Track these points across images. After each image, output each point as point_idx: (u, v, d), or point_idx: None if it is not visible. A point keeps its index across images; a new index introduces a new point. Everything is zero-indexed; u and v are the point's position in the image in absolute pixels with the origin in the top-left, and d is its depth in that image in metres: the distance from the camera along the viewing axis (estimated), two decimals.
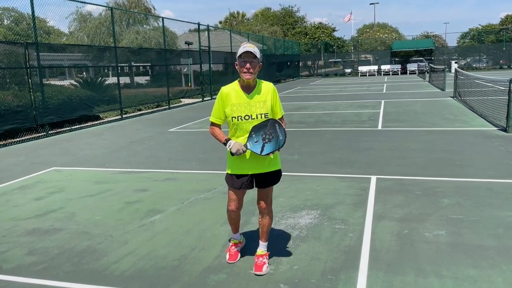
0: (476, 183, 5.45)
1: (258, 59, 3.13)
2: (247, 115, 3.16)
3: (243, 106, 3.18)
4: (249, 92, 3.21)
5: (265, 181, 3.31)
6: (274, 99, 3.27)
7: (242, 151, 3.10)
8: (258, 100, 3.20)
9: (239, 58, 3.12)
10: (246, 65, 3.09)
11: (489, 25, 47.76)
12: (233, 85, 3.26)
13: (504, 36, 39.23)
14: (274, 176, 3.34)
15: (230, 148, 3.13)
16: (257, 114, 3.17)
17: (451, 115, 11.53)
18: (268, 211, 3.41)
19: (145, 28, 24.93)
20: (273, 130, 3.09)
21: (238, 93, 3.21)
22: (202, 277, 3.34)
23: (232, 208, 3.44)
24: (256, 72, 3.15)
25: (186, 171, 6.78)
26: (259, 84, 3.25)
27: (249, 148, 3.11)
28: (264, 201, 3.37)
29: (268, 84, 3.30)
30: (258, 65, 3.15)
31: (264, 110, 3.19)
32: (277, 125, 3.10)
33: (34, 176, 6.88)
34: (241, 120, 3.17)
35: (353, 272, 3.31)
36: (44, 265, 3.68)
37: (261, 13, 55.60)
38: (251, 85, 3.22)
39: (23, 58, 10.63)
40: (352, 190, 5.39)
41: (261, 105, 3.19)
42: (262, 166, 3.26)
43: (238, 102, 3.18)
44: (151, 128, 11.90)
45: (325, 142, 8.59)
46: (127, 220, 4.68)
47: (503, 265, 3.31)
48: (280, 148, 3.16)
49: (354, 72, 40.32)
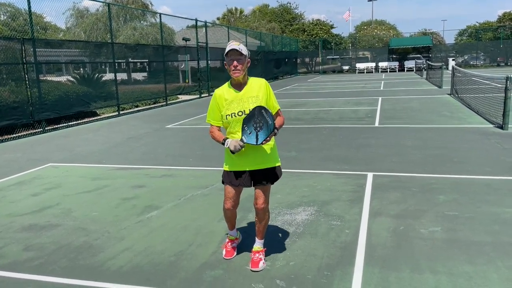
0: (472, 180, 5.47)
1: (245, 55, 3.15)
2: (240, 111, 3.18)
3: (236, 102, 3.20)
4: (240, 89, 3.23)
5: (263, 177, 3.30)
6: (268, 94, 3.27)
7: (240, 146, 3.10)
8: (250, 95, 3.21)
9: (226, 57, 3.16)
10: (233, 63, 3.13)
11: (487, 22, 47.80)
12: (225, 86, 3.32)
13: (501, 33, 39.29)
14: (272, 173, 3.32)
15: (228, 146, 3.15)
16: (250, 109, 3.15)
17: (448, 112, 11.56)
18: (264, 211, 3.38)
19: (143, 24, 24.85)
20: (261, 117, 3.08)
21: (229, 91, 3.25)
22: (198, 273, 3.35)
23: (228, 207, 3.41)
24: (245, 69, 3.17)
25: (183, 167, 6.78)
26: (251, 81, 3.28)
27: (246, 142, 3.12)
28: (260, 200, 3.33)
29: (260, 80, 3.32)
30: (246, 62, 3.17)
31: (257, 105, 3.19)
32: (263, 110, 3.09)
33: (31, 172, 6.87)
34: (235, 116, 3.19)
35: (349, 268, 3.33)
36: (41, 261, 3.68)
37: (259, 9, 55.49)
38: (242, 82, 3.24)
39: (19, 54, 10.58)
40: (349, 186, 5.40)
41: (254, 100, 3.20)
42: (259, 162, 3.26)
43: (231, 100, 3.21)
44: (148, 124, 11.88)
45: (322, 139, 8.60)
46: (124, 216, 4.69)
47: (499, 262, 3.33)
48: (272, 133, 3.12)
49: (352, 69, 40.33)
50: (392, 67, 37.73)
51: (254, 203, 3.38)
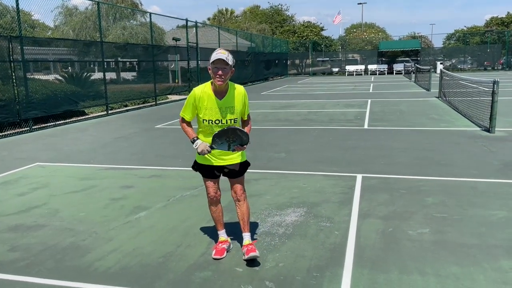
0: (460, 182, 5.53)
1: (230, 65, 3.26)
2: (218, 120, 3.35)
3: (214, 111, 3.34)
4: (221, 98, 3.35)
5: (231, 172, 3.49)
6: (244, 104, 3.43)
7: (207, 151, 3.31)
8: (228, 106, 3.36)
9: (212, 64, 3.24)
10: (218, 72, 3.22)
11: (474, 27, 48.37)
12: (205, 88, 3.38)
13: (488, 38, 39.83)
14: (240, 167, 3.50)
15: (196, 147, 3.36)
16: (227, 119, 3.35)
17: (436, 115, 11.68)
18: (242, 198, 3.53)
19: (132, 23, 24.68)
20: (235, 135, 3.25)
21: (210, 98, 3.35)
22: (187, 274, 3.33)
23: (211, 194, 3.58)
24: (227, 78, 3.29)
25: (172, 168, 6.74)
26: (231, 89, 3.39)
27: (216, 148, 3.29)
28: (236, 188, 3.53)
29: (239, 88, 3.43)
30: (230, 71, 3.29)
31: (233, 116, 3.36)
32: (238, 131, 3.25)
33: (17, 171, 6.77)
34: (212, 123, 3.35)
35: (338, 269, 3.34)
36: (27, 262, 3.62)
37: (250, 10, 55.51)
38: (223, 89, 3.34)
39: (6, 51, 10.43)
40: (338, 188, 5.42)
41: (231, 110, 3.36)
42: (225, 159, 3.44)
43: (210, 107, 3.34)
44: (137, 124, 11.80)
45: (312, 141, 8.62)
46: (112, 217, 4.64)
47: (485, 263, 3.36)
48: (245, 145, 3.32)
49: (342, 71, 40.53)
50: (381, 69, 38.02)
51: (232, 194, 3.56)
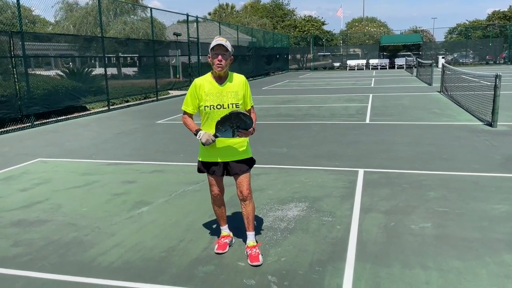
0: (462, 177, 5.52)
1: (230, 52, 3.25)
2: (219, 105, 3.29)
3: (215, 95, 3.30)
4: (221, 83, 3.32)
5: (236, 168, 3.40)
6: (246, 91, 3.39)
7: (212, 140, 3.23)
8: (230, 90, 3.31)
9: (211, 51, 3.24)
10: (218, 57, 3.21)
11: (476, 21, 48.15)
12: (206, 77, 3.39)
13: (490, 32, 39.66)
14: (245, 163, 3.43)
15: (200, 138, 3.28)
16: (229, 104, 3.28)
17: (437, 109, 11.65)
18: (248, 198, 3.45)
19: (133, 18, 24.62)
20: (238, 119, 3.18)
21: (211, 83, 3.33)
22: (190, 269, 3.34)
23: (215, 192, 3.54)
24: (227, 65, 3.27)
25: (174, 163, 6.75)
26: (231, 76, 3.37)
27: (220, 136, 3.22)
28: (242, 188, 3.43)
29: (240, 77, 3.42)
30: (229, 58, 3.27)
31: (235, 100, 3.30)
32: (241, 115, 3.18)
33: (19, 167, 6.79)
34: (213, 109, 3.29)
35: (340, 263, 3.34)
36: (30, 257, 3.64)
37: (251, 5, 55.33)
38: (223, 76, 3.32)
39: (7, 47, 10.42)
40: (340, 183, 5.43)
41: (233, 95, 3.30)
42: (231, 154, 3.38)
43: (211, 92, 3.31)
44: (138, 120, 11.80)
45: (313, 135, 8.62)
46: (114, 212, 4.65)
47: (487, 257, 3.36)
48: (250, 130, 3.24)
49: (343, 66, 40.43)
50: (382, 64, 37.90)
51: (238, 193, 3.46)
